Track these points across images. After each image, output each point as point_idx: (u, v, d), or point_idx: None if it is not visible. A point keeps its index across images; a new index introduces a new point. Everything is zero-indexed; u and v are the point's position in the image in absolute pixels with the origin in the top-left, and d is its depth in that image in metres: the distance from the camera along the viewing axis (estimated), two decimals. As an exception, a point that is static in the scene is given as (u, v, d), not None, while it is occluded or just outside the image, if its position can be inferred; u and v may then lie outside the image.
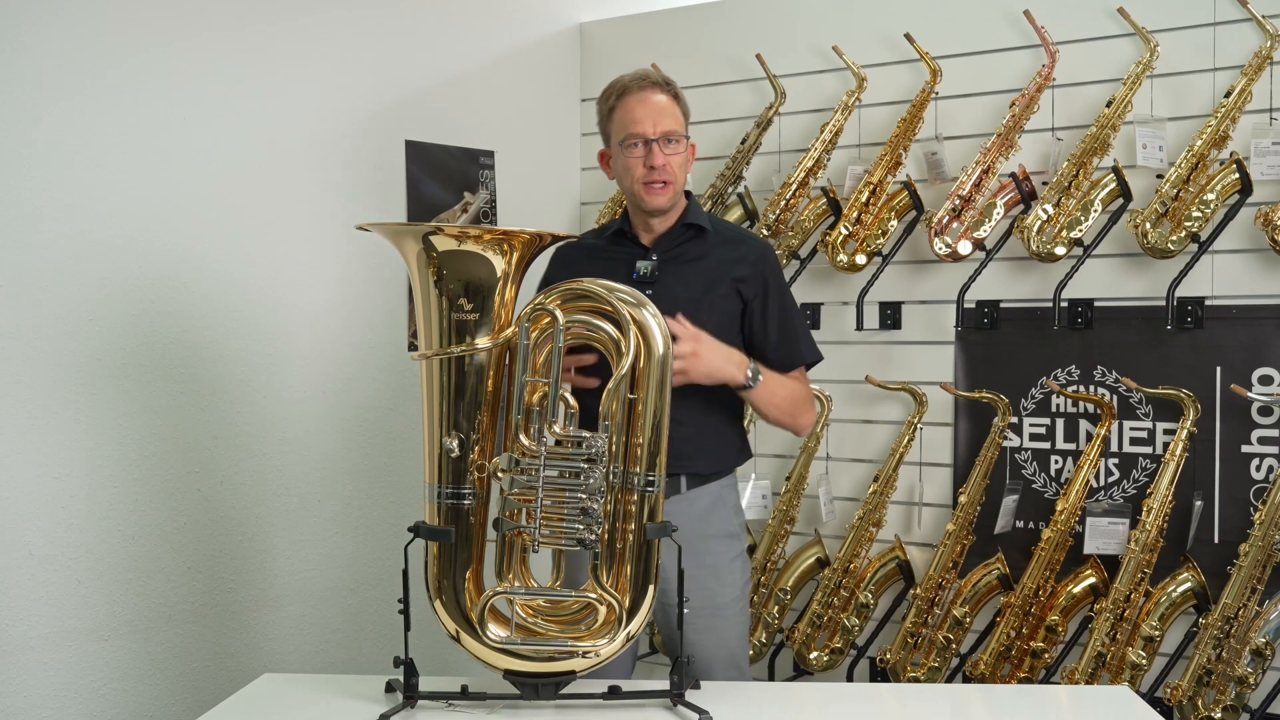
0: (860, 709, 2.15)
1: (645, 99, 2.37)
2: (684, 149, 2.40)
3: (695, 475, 2.41)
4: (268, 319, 2.98)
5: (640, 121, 2.36)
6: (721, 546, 2.43)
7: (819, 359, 2.52)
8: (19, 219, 2.50)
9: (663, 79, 2.42)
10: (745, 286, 2.42)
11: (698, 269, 2.42)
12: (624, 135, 2.37)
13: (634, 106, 2.37)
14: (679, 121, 2.39)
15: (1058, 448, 3.21)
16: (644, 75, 2.41)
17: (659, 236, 2.45)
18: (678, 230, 2.45)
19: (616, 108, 2.39)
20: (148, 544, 2.74)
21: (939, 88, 3.25)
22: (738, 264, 2.42)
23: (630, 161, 2.38)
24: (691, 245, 2.44)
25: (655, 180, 2.36)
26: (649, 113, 2.36)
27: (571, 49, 3.87)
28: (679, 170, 2.39)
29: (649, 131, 2.35)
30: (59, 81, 2.56)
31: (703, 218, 2.47)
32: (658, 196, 2.38)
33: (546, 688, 1.97)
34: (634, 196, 2.41)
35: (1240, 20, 2.93)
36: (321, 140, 3.10)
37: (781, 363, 2.45)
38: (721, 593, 2.40)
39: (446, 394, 1.96)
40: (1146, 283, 3.08)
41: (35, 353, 2.53)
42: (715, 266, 2.42)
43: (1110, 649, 2.95)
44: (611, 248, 2.48)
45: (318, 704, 2.06)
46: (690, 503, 2.39)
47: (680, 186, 2.42)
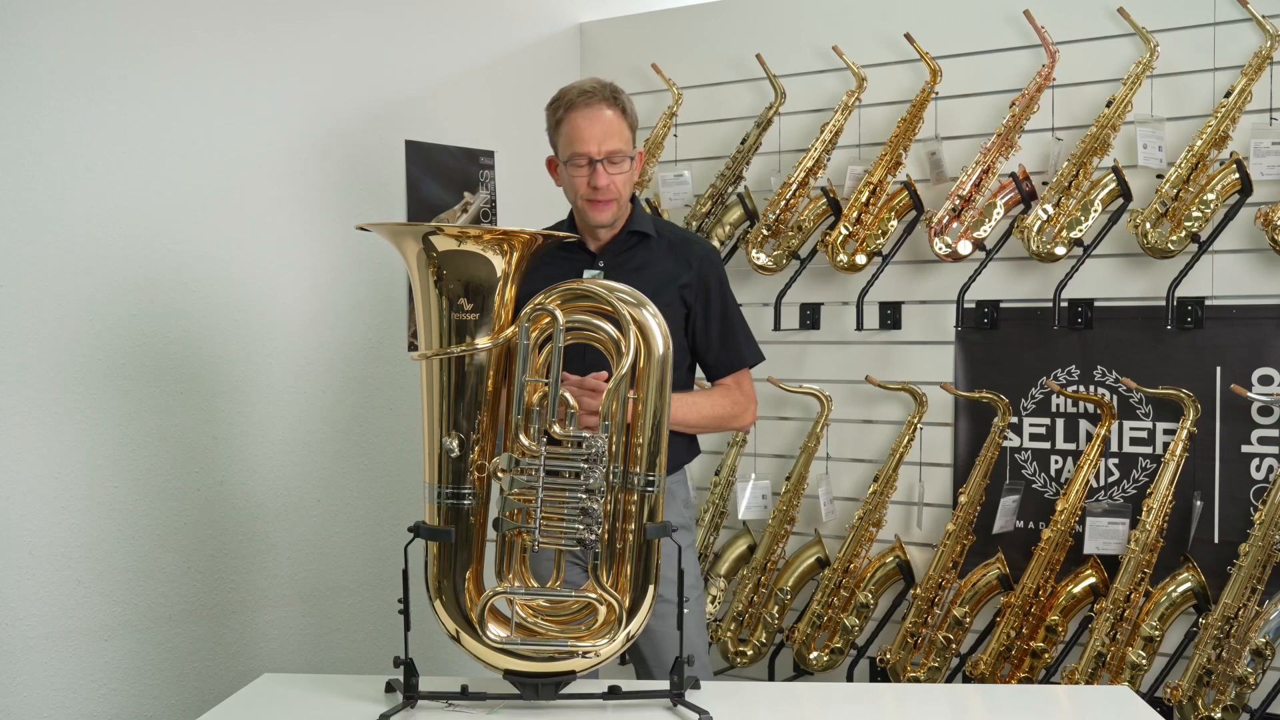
0: (860, 709, 2.15)
1: (591, 116, 2.37)
2: (629, 166, 2.42)
3: None
4: (267, 319, 2.98)
5: (585, 141, 2.36)
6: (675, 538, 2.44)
7: (760, 360, 2.58)
8: (19, 219, 2.50)
9: (610, 91, 2.40)
10: (688, 292, 2.47)
11: (643, 278, 2.40)
12: (569, 153, 2.39)
13: (579, 124, 2.37)
14: (624, 139, 2.40)
15: (1058, 448, 3.21)
16: (591, 89, 2.39)
17: (605, 244, 2.48)
18: (623, 237, 2.48)
19: (564, 121, 2.40)
20: (148, 544, 2.74)
21: (939, 88, 3.25)
22: (681, 270, 2.47)
23: (575, 180, 2.40)
24: (637, 252, 2.48)
25: (599, 199, 2.39)
26: (594, 133, 2.36)
27: (571, 49, 3.87)
28: (624, 186, 2.41)
29: (593, 152, 2.36)
30: (59, 82, 2.56)
31: (647, 224, 2.50)
32: (601, 212, 2.41)
33: (546, 688, 1.97)
34: (579, 211, 2.45)
35: (1240, 20, 2.93)
36: (322, 140, 3.10)
37: (722, 366, 2.53)
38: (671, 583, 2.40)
39: (446, 394, 1.97)
40: (1146, 283, 3.08)
41: (35, 352, 2.53)
42: (660, 275, 2.45)
43: (1110, 649, 2.95)
44: (559, 253, 2.45)
45: (318, 704, 2.06)
46: None
47: (625, 200, 2.44)
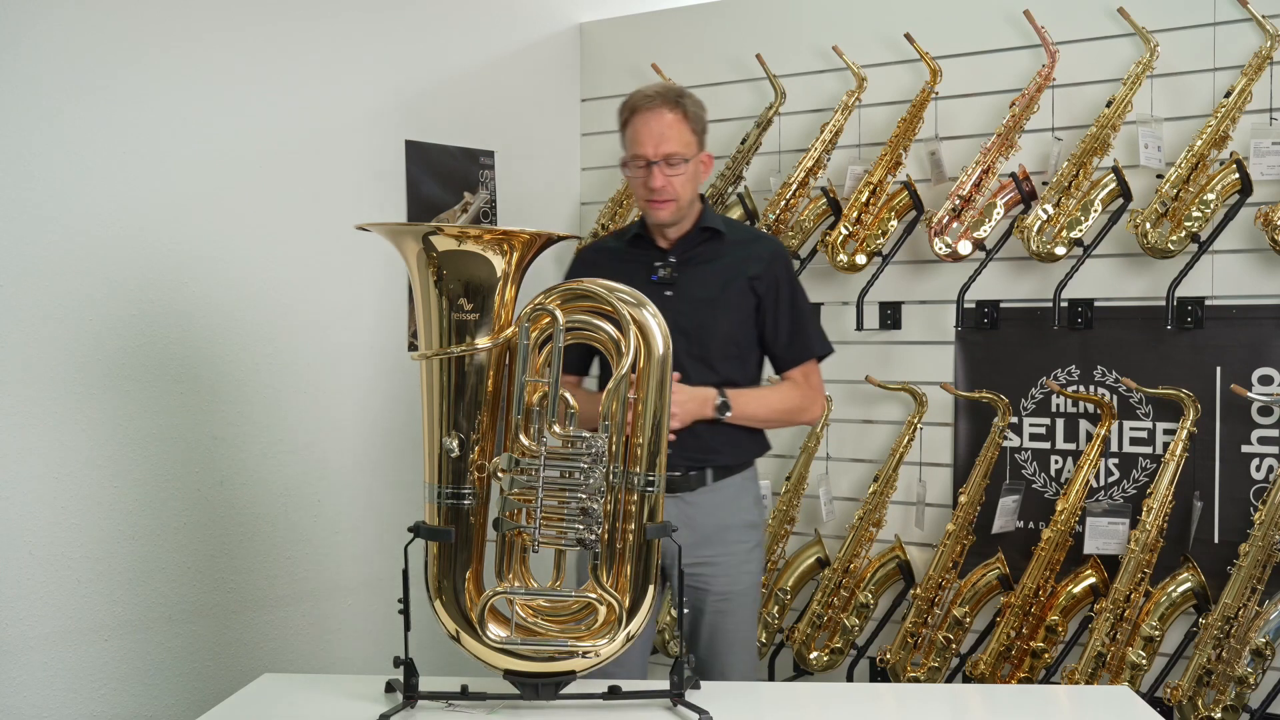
0: (860, 709, 2.15)
1: (651, 119, 2.47)
2: (688, 168, 2.49)
3: (721, 468, 2.55)
4: (267, 319, 2.98)
5: (643, 143, 2.47)
6: (743, 535, 2.58)
7: (829, 352, 2.67)
8: (19, 219, 2.50)
9: (673, 95, 2.50)
10: (759, 284, 2.56)
11: (714, 270, 2.54)
12: (630, 154, 2.50)
13: (639, 127, 2.48)
14: (684, 142, 2.48)
15: (1058, 448, 3.21)
16: (656, 93, 2.50)
17: (676, 240, 2.57)
18: (694, 234, 2.57)
19: (628, 123, 2.51)
20: (148, 544, 2.74)
21: (939, 88, 3.25)
22: (751, 263, 2.56)
23: (634, 180, 2.51)
24: (707, 247, 2.57)
25: (655, 200, 2.48)
26: (652, 135, 2.46)
27: (571, 49, 3.87)
28: (682, 188, 2.48)
29: (650, 154, 2.46)
30: (59, 82, 2.56)
31: (717, 221, 2.60)
32: (659, 211, 2.50)
33: (546, 688, 1.97)
34: (641, 208, 2.56)
35: (1240, 20, 2.93)
36: (321, 140, 3.10)
37: (790, 358, 2.61)
38: (740, 579, 2.56)
39: (446, 394, 1.97)
40: (1146, 283, 3.08)
41: (35, 353, 2.53)
42: (730, 266, 2.54)
43: (1110, 649, 2.95)
44: (632, 250, 2.60)
45: (318, 704, 2.06)
46: (716, 492, 2.55)
47: (686, 201, 2.52)
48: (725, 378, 2.54)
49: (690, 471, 2.52)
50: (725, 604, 2.55)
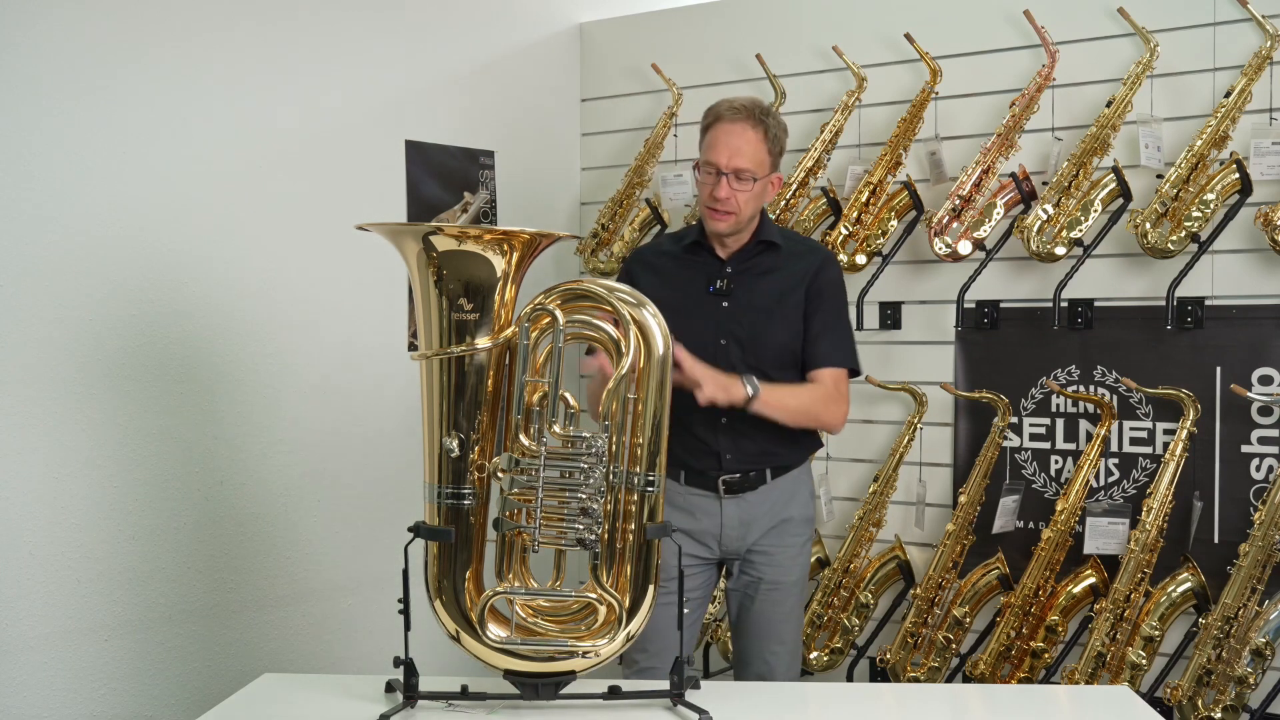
0: (860, 709, 2.14)
1: (733, 131, 2.49)
2: (756, 186, 2.51)
3: (779, 467, 2.60)
4: (267, 319, 2.98)
5: (718, 152, 2.49)
6: (798, 529, 2.63)
7: (851, 365, 2.62)
8: (19, 219, 2.50)
9: (759, 112, 2.51)
10: (809, 289, 2.58)
11: (770, 282, 2.58)
12: (704, 160, 2.52)
13: (719, 135, 2.51)
14: (758, 160, 2.50)
15: (1058, 448, 3.20)
16: (743, 106, 2.51)
17: (735, 252, 2.59)
18: (752, 246, 2.60)
19: (710, 128, 2.54)
20: (148, 544, 2.74)
21: (939, 88, 3.25)
22: (805, 274, 2.59)
23: (703, 185, 2.54)
24: (764, 259, 2.60)
25: (717, 209, 2.50)
26: (728, 146, 2.48)
27: (571, 49, 3.87)
28: (746, 204, 2.51)
29: (722, 164, 2.48)
30: (58, 82, 2.56)
31: (775, 234, 2.63)
32: (718, 222, 2.52)
33: (546, 688, 1.97)
34: (702, 213, 2.57)
35: (1240, 20, 2.93)
36: (322, 140, 3.10)
37: (815, 357, 2.59)
38: (792, 570, 2.62)
39: (446, 394, 1.96)
40: (1146, 283, 3.08)
41: (35, 353, 2.53)
42: (786, 279, 2.58)
43: (1110, 649, 2.95)
44: (689, 257, 2.62)
45: (318, 704, 2.05)
46: (774, 489, 2.60)
47: (747, 217, 2.54)
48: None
49: (750, 473, 2.56)
50: (776, 593, 2.60)
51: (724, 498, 2.56)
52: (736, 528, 2.57)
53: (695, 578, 2.57)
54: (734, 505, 2.56)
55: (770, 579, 2.59)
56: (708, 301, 2.56)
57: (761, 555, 2.59)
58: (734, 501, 2.56)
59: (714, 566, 2.65)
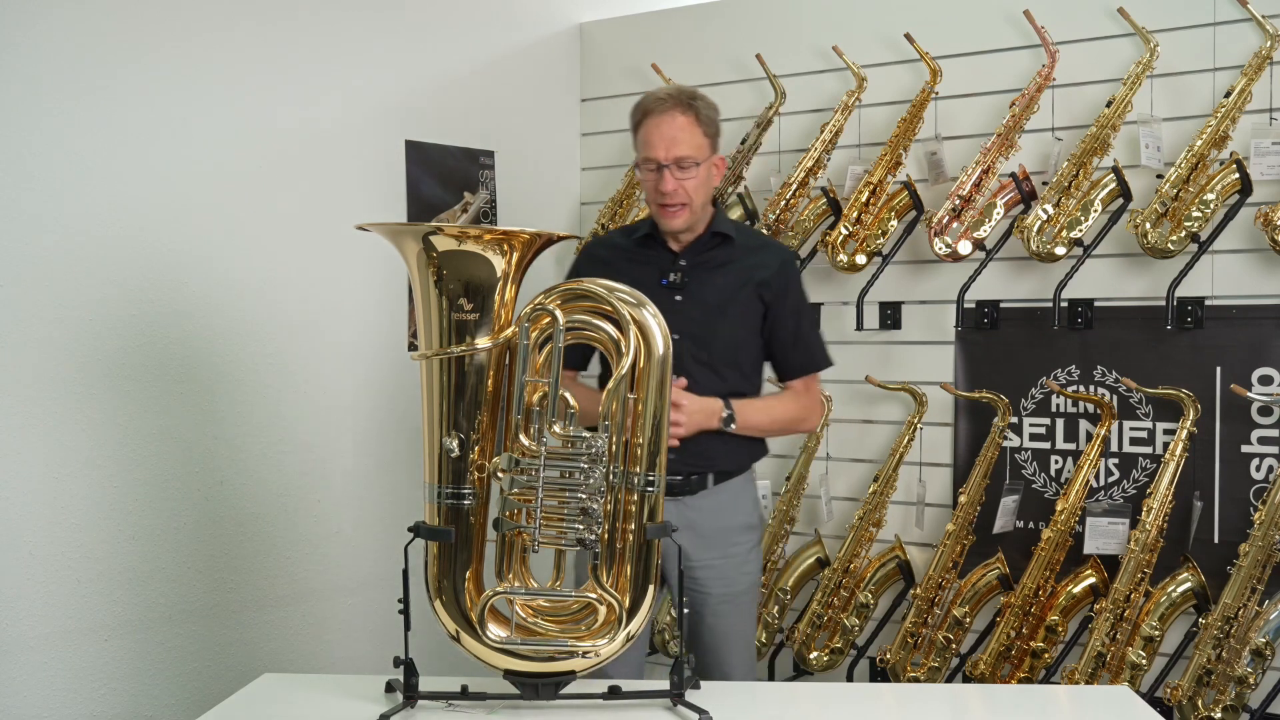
0: (860, 709, 2.14)
1: (664, 122, 2.44)
2: (700, 172, 2.46)
3: (721, 472, 2.56)
4: (267, 319, 2.98)
5: (654, 146, 2.44)
6: (742, 536, 2.59)
7: (829, 365, 2.67)
8: (19, 219, 2.50)
9: (685, 97, 2.47)
10: (766, 291, 2.54)
11: (724, 275, 2.53)
12: (641, 157, 2.48)
13: (651, 129, 2.45)
14: (695, 145, 2.44)
15: (1058, 448, 3.20)
16: (668, 95, 2.47)
17: (688, 245, 2.55)
18: (705, 238, 2.55)
19: (640, 125, 2.48)
20: (148, 544, 2.74)
21: (939, 88, 3.25)
22: (761, 269, 2.54)
23: (645, 183, 2.49)
24: (718, 252, 2.55)
25: (668, 204, 2.45)
26: (664, 137, 2.43)
27: (571, 49, 3.87)
28: (695, 191, 2.45)
29: (661, 157, 2.43)
30: (59, 82, 2.56)
31: (729, 226, 2.58)
32: (672, 219, 2.48)
33: (546, 688, 1.97)
34: (654, 214, 2.52)
35: (1240, 20, 2.93)
36: (321, 140, 3.10)
37: (793, 367, 2.61)
38: (739, 580, 2.57)
39: (446, 394, 1.96)
40: (1146, 283, 3.08)
41: (35, 353, 2.53)
42: (740, 273, 2.53)
43: (1110, 649, 2.95)
44: (642, 251, 2.58)
45: (318, 704, 2.05)
46: (716, 495, 2.55)
47: (699, 205, 2.49)
48: (731, 384, 2.53)
49: (691, 476, 2.52)
50: (725, 605, 2.55)
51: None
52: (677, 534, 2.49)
53: None
54: (673, 508, 2.46)
55: (718, 593, 2.54)
56: (660, 295, 2.46)
57: (707, 569, 2.53)
58: (674, 504, 2.47)
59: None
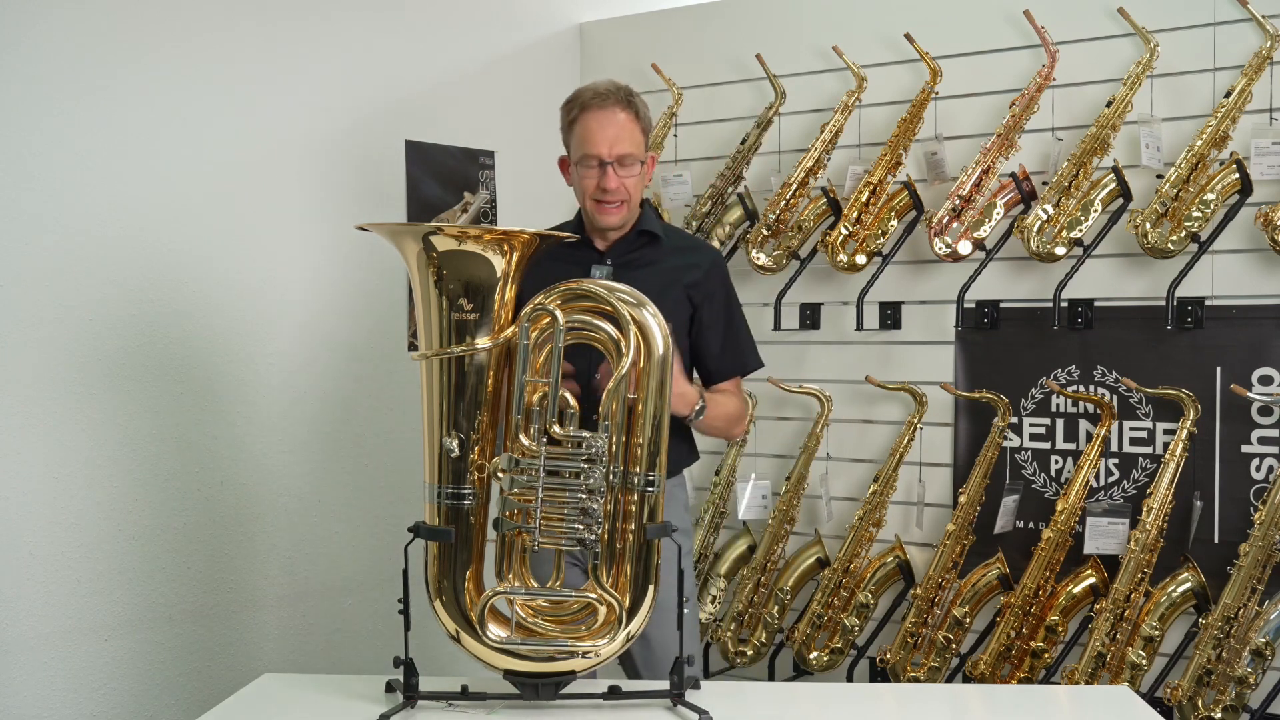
0: (860, 709, 2.15)
1: (604, 119, 2.37)
2: (639, 170, 2.42)
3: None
4: (267, 319, 2.98)
5: (596, 144, 2.37)
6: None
7: (760, 366, 2.59)
8: (19, 219, 2.50)
9: (624, 94, 2.41)
10: (695, 292, 2.48)
11: (650, 274, 2.43)
12: (580, 154, 2.40)
13: (592, 126, 2.38)
14: (636, 143, 2.40)
15: (1058, 448, 3.21)
16: (605, 91, 2.41)
17: (614, 243, 2.49)
18: (632, 237, 2.49)
19: (577, 121, 2.41)
20: (148, 544, 2.74)
21: (939, 88, 3.25)
22: (689, 270, 2.48)
23: (585, 180, 2.41)
24: (645, 251, 2.49)
25: (608, 201, 2.40)
26: (606, 135, 2.37)
27: (571, 49, 3.87)
28: (634, 189, 2.41)
29: (604, 154, 2.37)
30: (59, 82, 2.56)
31: (656, 225, 2.52)
32: (610, 215, 2.42)
33: (546, 688, 1.97)
34: (587, 212, 2.46)
35: (1240, 20, 2.93)
36: (322, 140, 3.10)
37: (724, 370, 2.54)
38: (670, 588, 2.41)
39: (446, 394, 1.97)
40: (1146, 283, 3.08)
41: (35, 353, 2.53)
42: (667, 272, 2.46)
43: (1110, 649, 2.95)
44: (567, 251, 2.43)
45: (318, 704, 2.06)
46: None
47: (635, 204, 2.45)
48: None
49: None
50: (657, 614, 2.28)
51: None
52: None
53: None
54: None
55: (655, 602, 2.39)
56: None
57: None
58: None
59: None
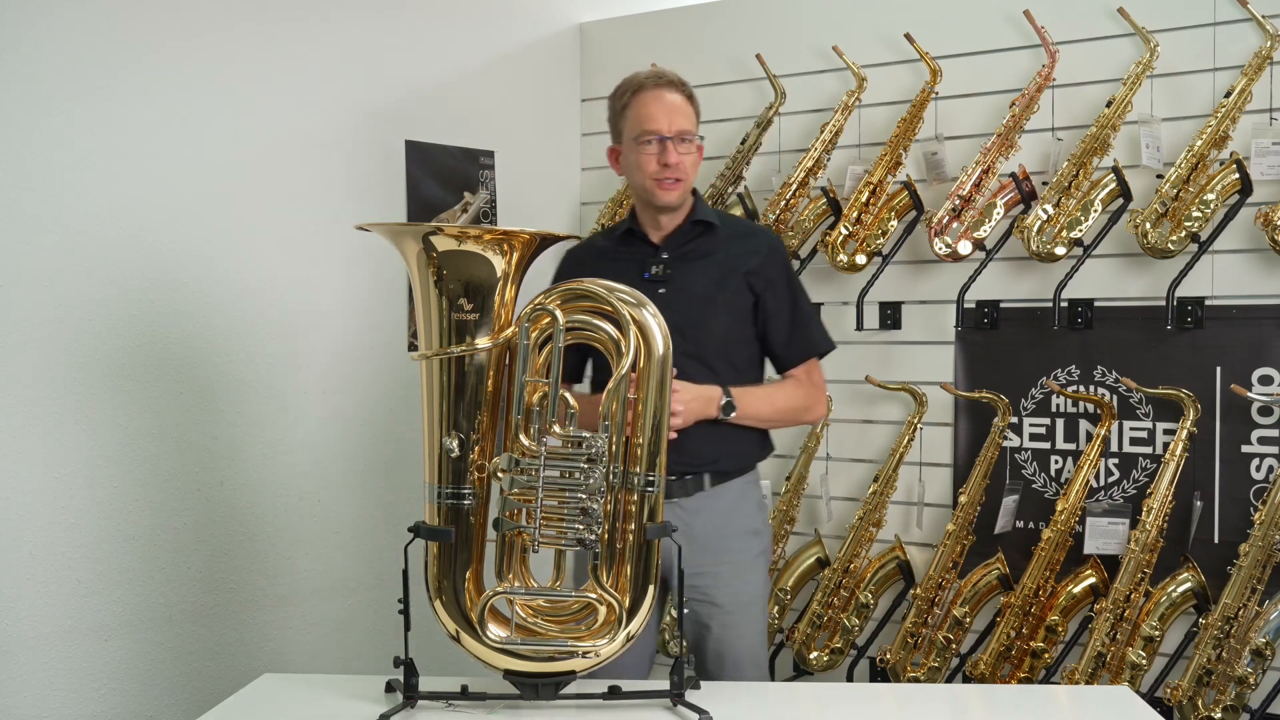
0: (860, 709, 2.15)
1: (660, 97, 2.41)
2: (695, 150, 2.45)
3: (719, 473, 2.45)
4: (267, 319, 2.98)
5: (656, 119, 2.39)
6: (744, 543, 2.47)
7: (831, 348, 2.58)
8: (19, 219, 2.50)
9: (677, 79, 2.46)
10: (756, 279, 2.47)
11: (708, 265, 2.46)
12: (638, 131, 2.40)
13: (650, 104, 2.41)
14: (692, 121, 2.44)
15: (1058, 448, 3.21)
16: (659, 74, 2.46)
17: (669, 234, 2.48)
18: (687, 228, 2.48)
19: (631, 104, 2.43)
20: (148, 544, 2.74)
21: (939, 88, 3.25)
22: (748, 257, 2.48)
23: (644, 158, 2.40)
24: (701, 242, 2.48)
25: (668, 177, 2.40)
26: (664, 110, 2.39)
27: (571, 49, 3.87)
28: (691, 169, 2.43)
29: (664, 129, 2.39)
30: (59, 82, 2.56)
31: (710, 214, 2.51)
32: (669, 193, 2.41)
33: (546, 688, 1.97)
34: (645, 193, 2.44)
35: (1240, 20, 2.93)
36: (321, 140, 3.10)
37: (792, 355, 2.52)
38: (743, 589, 2.46)
39: (446, 394, 1.97)
40: (1146, 283, 3.08)
41: (35, 353, 2.53)
42: (726, 261, 2.46)
43: (1110, 649, 2.95)
44: (622, 248, 2.51)
45: (318, 704, 2.06)
46: (715, 499, 2.45)
47: (690, 184, 2.46)
48: (724, 377, 2.42)
49: (686, 476, 2.40)
50: (729, 617, 2.43)
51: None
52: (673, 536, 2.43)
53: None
54: (669, 511, 2.31)
55: (721, 602, 2.42)
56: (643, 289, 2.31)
57: (706, 577, 2.41)
58: (669, 507, 2.33)
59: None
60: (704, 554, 2.40)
